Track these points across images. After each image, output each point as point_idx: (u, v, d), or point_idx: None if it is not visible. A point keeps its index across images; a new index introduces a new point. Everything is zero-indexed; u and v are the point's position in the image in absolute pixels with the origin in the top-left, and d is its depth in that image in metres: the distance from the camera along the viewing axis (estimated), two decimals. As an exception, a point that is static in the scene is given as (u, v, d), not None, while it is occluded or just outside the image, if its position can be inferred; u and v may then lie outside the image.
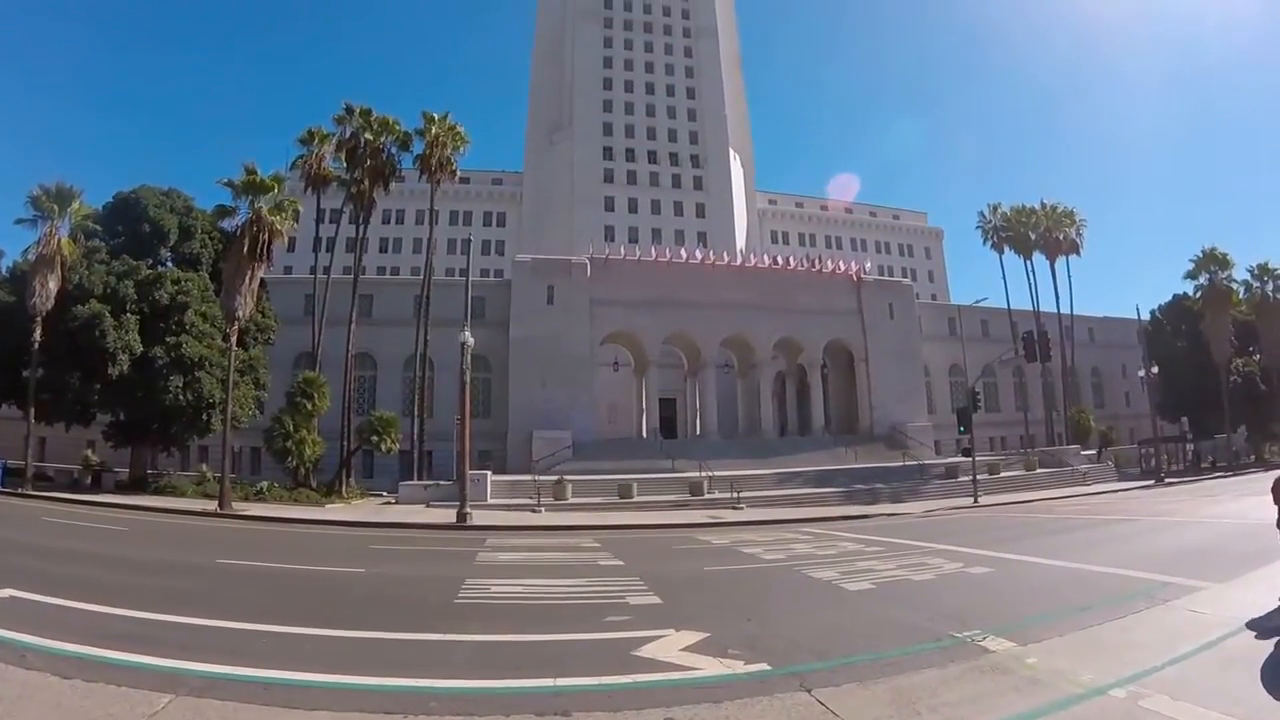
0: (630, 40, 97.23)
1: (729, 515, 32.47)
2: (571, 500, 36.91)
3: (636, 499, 37.42)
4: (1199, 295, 61.87)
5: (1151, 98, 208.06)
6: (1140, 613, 10.00)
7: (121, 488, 38.00)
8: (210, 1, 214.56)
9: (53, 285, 35.07)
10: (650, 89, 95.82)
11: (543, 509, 34.29)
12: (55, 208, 36.87)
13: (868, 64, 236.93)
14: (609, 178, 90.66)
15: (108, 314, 34.76)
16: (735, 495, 36.29)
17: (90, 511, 28.23)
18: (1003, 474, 45.93)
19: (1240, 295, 61.74)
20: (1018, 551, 17.49)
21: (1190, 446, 58.18)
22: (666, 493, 38.88)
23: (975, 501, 36.51)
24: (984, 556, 16.54)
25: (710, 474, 40.36)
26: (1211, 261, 60.70)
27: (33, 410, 35.19)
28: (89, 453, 43.42)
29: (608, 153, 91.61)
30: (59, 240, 36.20)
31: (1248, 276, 62.36)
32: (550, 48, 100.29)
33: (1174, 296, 67.10)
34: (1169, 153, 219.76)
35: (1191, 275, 61.87)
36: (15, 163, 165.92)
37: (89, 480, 40.18)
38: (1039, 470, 47.68)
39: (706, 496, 38.34)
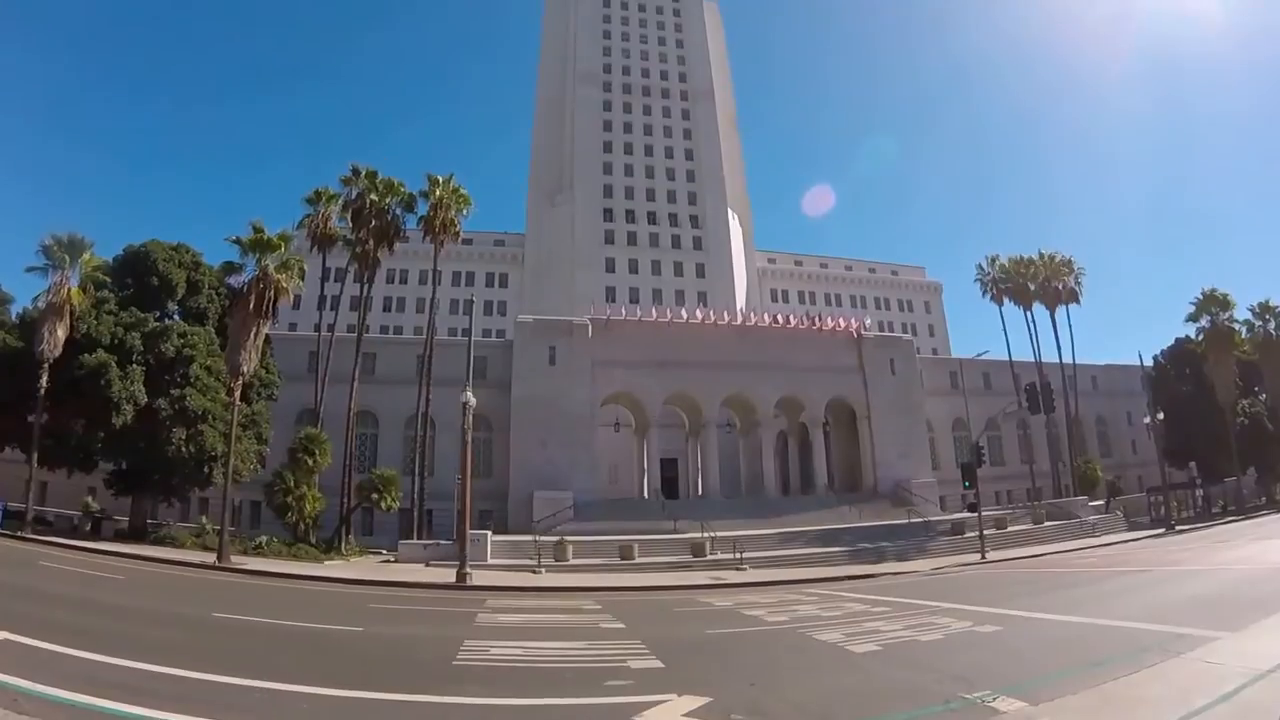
0: (629, 103, 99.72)
1: (732, 576, 32.05)
2: (572, 561, 36.51)
3: (638, 560, 37.00)
4: (1201, 338, 61.74)
5: (1144, 140, 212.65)
6: (1153, 666, 9.75)
7: (121, 536, 37.77)
8: (223, 66, 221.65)
9: (61, 333, 35.39)
10: (649, 151, 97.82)
11: (543, 570, 33.85)
12: (66, 257, 37.45)
13: (861, 122, 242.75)
14: (609, 239, 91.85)
15: (114, 364, 35.09)
16: (738, 556, 35.90)
17: (88, 558, 28.06)
18: (1010, 529, 45.39)
19: (1243, 335, 61.63)
20: (1027, 608, 17.20)
21: (1199, 492, 57.49)
22: (668, 554, 38.46)
23: (983, 558, 36.03)
24: (993, 614, 16.25)
25: (712, 534, 39.93)
26: (1212, 303, 60.80)
27: (36, 454, 35.18)
28: (89, 499, 43.37)
29: (608, 214, 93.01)
30: (69, 289, 36.65)
31: (1249, 316, 62.46)
32: (551, 111, 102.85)
33: (1176, 340, 66.88)
34: (1162, 194, 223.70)
35: (1193, 318, 61.90)
36: (26, 210, 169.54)
37: (88, 527, 40.01)
38: (1047, 523, 47.18)
39: (709, 557, 37.83)
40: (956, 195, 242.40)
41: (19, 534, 33.10)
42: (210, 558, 30.99)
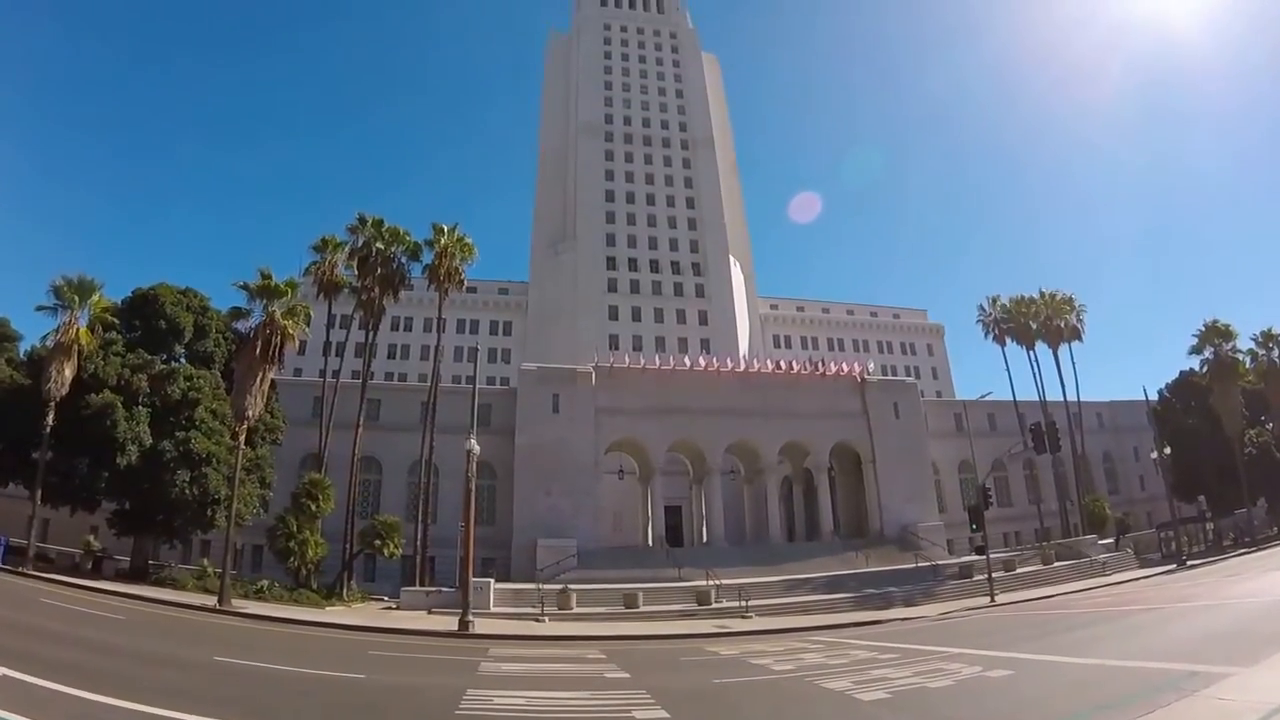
0: (630, 153, 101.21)
1: (737, 625, 31.73)
2: (576, 610, 36.13)
3: (642, 608, 36.61)
4: (1205, 370, 61.35)
5: (1136, 171, 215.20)
6: (1167, 706, 9.60)
7: (122, 576, 37.48)
8: (237, 117, 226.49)
9: (68, 373, 35.60)
10: (650, 199, 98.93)
11: (547, 618, 33.53)
12: (76, 298, 37.84)
13: (858, 170, 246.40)
14: (612, 287, 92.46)
15: (120, 405, 35.31)
16: (743, 604, 35.51)
17: (89, 597, 27.93)
18: (1019, 570, 44.84)
19: (1247, 365, 61.29)
20: (1038, 651, 16.97)
21: (1210, 525, 56.79)
22: (673, 602, 38.01)
23: (992, 600, 35.63)
24: (1003, 658, 16.01)
25: (717, 582, 39.51)
26: (1215, 334, 60.64)
27: (39, 492, 35.17)
28: (91, 538, 43.14)
29: (611, 262, 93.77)
30: (77, 330, 36.98)
31: (1252, 345, 62.22)
32: (554, 162, 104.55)
33: (1180, 374, 66.42)
34: (1159, 226, 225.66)
35: (1196, 350, 61.66)
36: (36, 248, 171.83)
37: (90, 565, 39.64)
38: (1056, 563, 46.57)
39: (714, 605, 37.36)
40: (955, 234, 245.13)
41: (20, 570, 32.99)
42: (211, 600, 30.81)
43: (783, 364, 63.49)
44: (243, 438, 34.85)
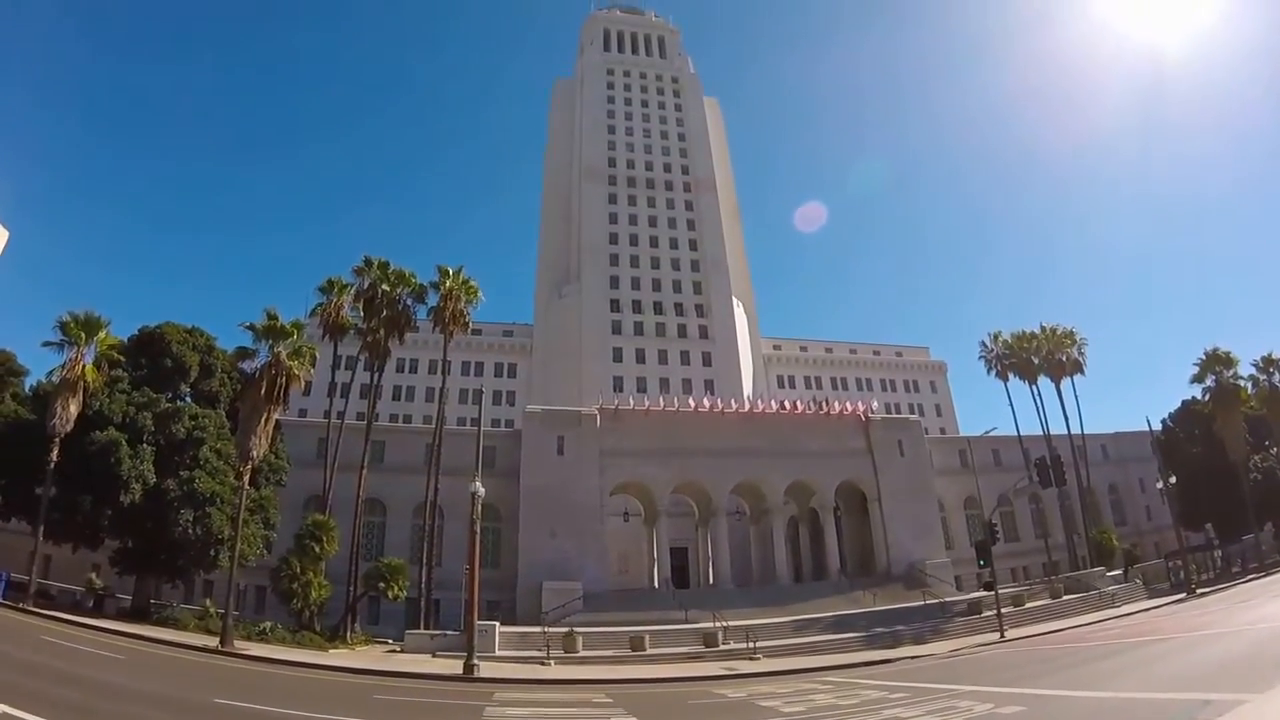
0: (633, 196, 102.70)
1: (745, 666, 31.30)
2: (582, 653, 35.61)
3: (649, 651, 35.99)
4: (1207, 397, 61.21)
5: (1136, 202, 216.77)
6: (1181, 736, 9.56)
7: (123, 614, 37.22)
8: (247, 164, 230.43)
9: (74, 409, 35.66)
10: (654, 242, 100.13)
11: (552, 662, 33.17)
12: (82, 335, 38.00)
13: (858, 208, 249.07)
14: (616, 329, 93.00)
15: (125, 442, 35.35)
16: (751, 645, 34.96)
17: (90, 635, 27.72)
18: (1028, 605, 44.21)
19: (1249, 391, 61.13)
20: (1050, 686, 16.76)
21: (1218, 553, 56.28)
22: (680, 644, 37.53)
23: (1002, 636, 35.12)
24: (1015, 694, 15.81)
25: (724, 624, 39.07)
26: (1216, 362, 60.67)
27: (42, 528, 35.02)
28: (93, 576, 42.79)
29: (615, 305, 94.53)
30: (83, 366, 37.11)
31: (1253, 371, 62.06)
32: (558, 205, 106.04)
33: (1183, 402, 66.42)
34: (1157, 254, 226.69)
35: (1198, 378, 61.53)
36: (43, 287, 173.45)
37: (91, 603, 39.32)
38: (1066, 597, 45.89)
39: (721, 647, 36.85)
40: (957, 272, 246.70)
41: (21, 606, 32.79)
42: (213, 641, 30.54)
43: (787, 404, 63.47)
44: (247, 478, 34.86)
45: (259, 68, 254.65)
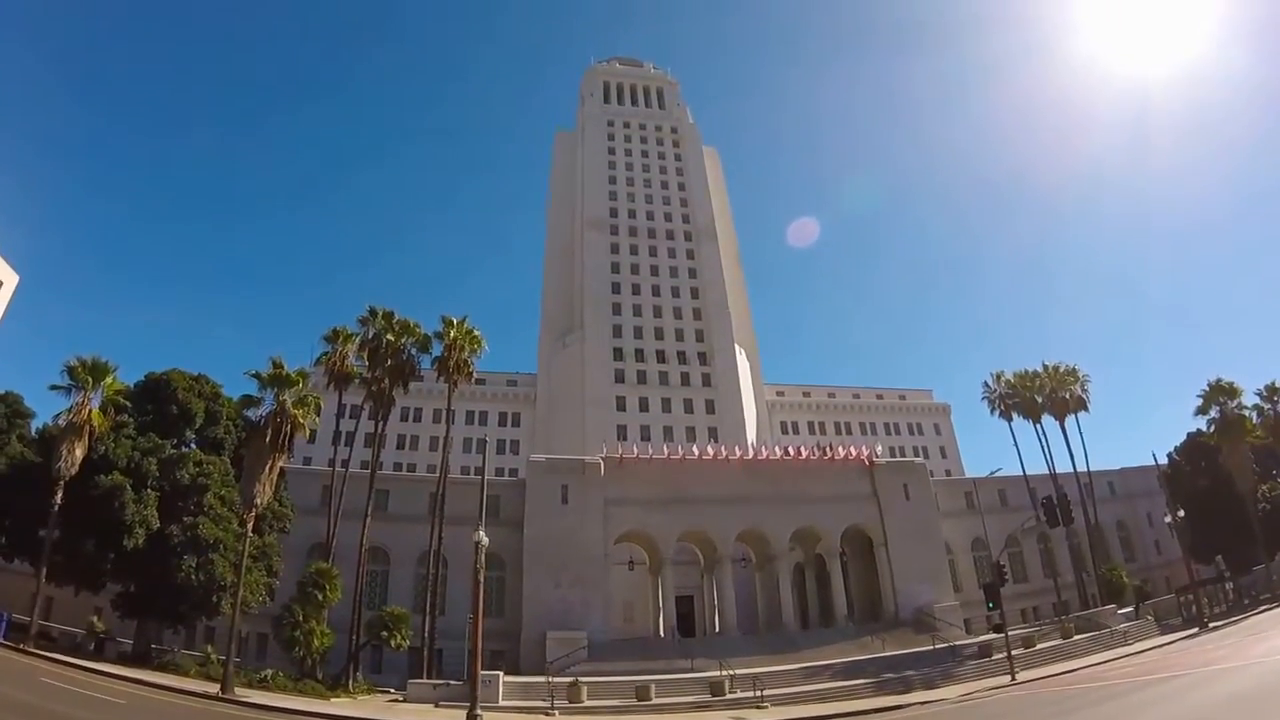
0: (635, 245, 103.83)
1: (753, 715, 31.12)
2: (587, 703, 35.26)
3: (655, 700, 35.56)
4: (1213, 429, 61.02)
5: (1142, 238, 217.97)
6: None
7: (124, 659, 36.86)
8: (254, 210, 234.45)
9: (79, 452, 35.85)
10: (656, 291, 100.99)
11: (557, 712, 32.96)
12: (89, 380, 38.30)
13: (859, 248, 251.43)
14: (620, 378, 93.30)
15: (129, 487, 35.51)
16: (759, 693, 34.59)
17: (90, 679, 27.62)
18: (1039, 646, 43.64)
19: (1254, 421, 60.93)
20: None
21: (1229, 585, 55.53)
22: (686, 693, 37.09)
23: (1013, 679, 34.68)
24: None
25: (731, 672, 38.61)
26: (1219, 393, 60.60)
27: (44, 570, 34.99)
28: (95, 619, 42.52)
29: (618, 353, 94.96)
30: (90, 411, 37.36)
31: (1258, 400, 61.98)
32: (561, 255, 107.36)
33: (1188, 435, 66.10)
34: (1155, 288, 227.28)
35: (1202, 410, 61.46)
36: (49, 331, 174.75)
37: (92, 646, 39.13)
38: (1077, 637, 45.15)
39: (729, 696, 36.42)
40: (959, 315, 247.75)
41: (21, 647, 32.71)
42: (214, 688, 30.33)
43: (791, 450, 63.55)
44: (250, 525, 35.02)
45: (270, 129, 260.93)
